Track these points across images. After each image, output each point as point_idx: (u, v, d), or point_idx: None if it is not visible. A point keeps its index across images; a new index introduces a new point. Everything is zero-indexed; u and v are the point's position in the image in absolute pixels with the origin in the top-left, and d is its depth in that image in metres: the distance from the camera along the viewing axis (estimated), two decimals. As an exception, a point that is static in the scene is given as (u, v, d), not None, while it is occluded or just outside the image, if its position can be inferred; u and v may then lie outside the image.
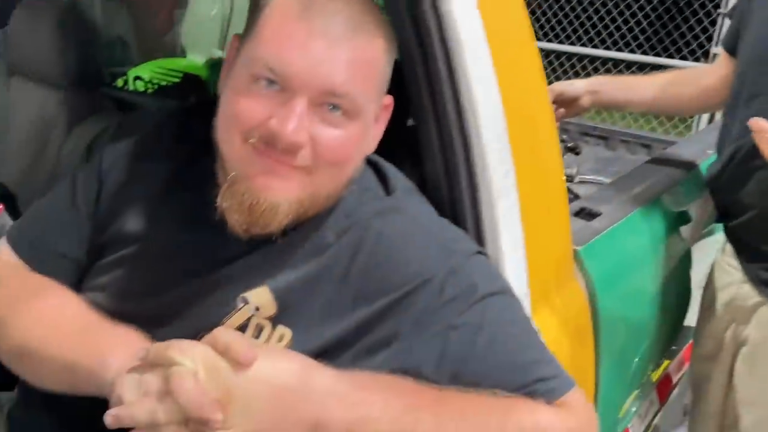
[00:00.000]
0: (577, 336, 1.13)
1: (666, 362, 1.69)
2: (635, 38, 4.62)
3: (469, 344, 0.75)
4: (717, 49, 3.69)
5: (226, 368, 0.64)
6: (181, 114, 0.94)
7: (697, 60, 4.29)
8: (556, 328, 1.07)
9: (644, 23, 4.59)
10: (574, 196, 1.48)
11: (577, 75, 4.82)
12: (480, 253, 0.85)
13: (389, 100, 0.84)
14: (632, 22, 4.60)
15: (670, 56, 4.46)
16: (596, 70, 4.61)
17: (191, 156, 0.87)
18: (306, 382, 0.65)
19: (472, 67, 0.88)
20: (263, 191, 0.74)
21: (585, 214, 1.30)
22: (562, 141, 1.72)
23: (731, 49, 1.42)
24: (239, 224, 0.76)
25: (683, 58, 4.40)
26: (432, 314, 0.76)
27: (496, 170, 0.92)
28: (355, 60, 0.74)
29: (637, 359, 1.42)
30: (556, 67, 4.82)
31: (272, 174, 0.74)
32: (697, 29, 4.38)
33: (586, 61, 4.63)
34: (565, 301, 1.12)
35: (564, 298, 1.11)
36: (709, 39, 4.17)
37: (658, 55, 4.47)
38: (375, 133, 0.83)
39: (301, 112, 0.72)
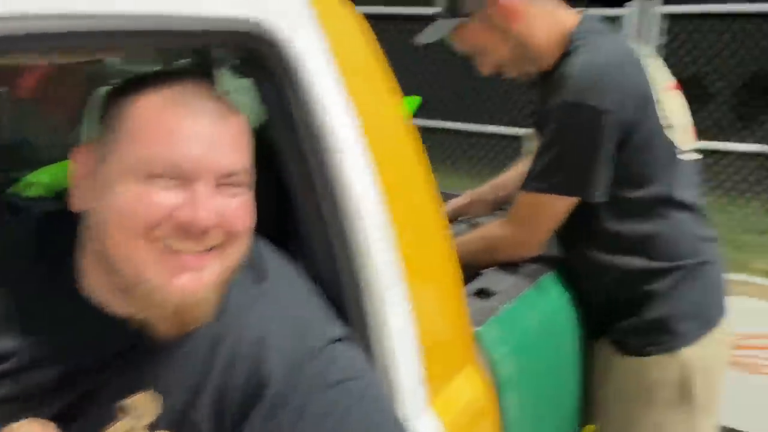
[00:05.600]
0: (480, 420, 1.13)
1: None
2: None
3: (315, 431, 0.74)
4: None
5: None
6: (41, 221, 0.88)
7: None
8: (458, 412, 1.06)
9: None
10: (475, 275, 1.50)
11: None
12: (343, 339, 0.83)
13: None
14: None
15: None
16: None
17: (54, 264, 0.82)
18: None
19: (345, 162, 0.89)
20: (183, 293, 0.72)
21: (483, 293, 1.32)
22: (468, 219, 1.77)
23: None
24: (168, 331, 0.74)
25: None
26: (282, 403, 0.75)
27: (380, 261, 0.92)
28: (239, 133, 0.77)
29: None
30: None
31: (187, 270, 0.72)
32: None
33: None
34: (467, 384, 1.11)
35: (465, 380, 1.11)
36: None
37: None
38: None
39: (205, 195, 0.72)
